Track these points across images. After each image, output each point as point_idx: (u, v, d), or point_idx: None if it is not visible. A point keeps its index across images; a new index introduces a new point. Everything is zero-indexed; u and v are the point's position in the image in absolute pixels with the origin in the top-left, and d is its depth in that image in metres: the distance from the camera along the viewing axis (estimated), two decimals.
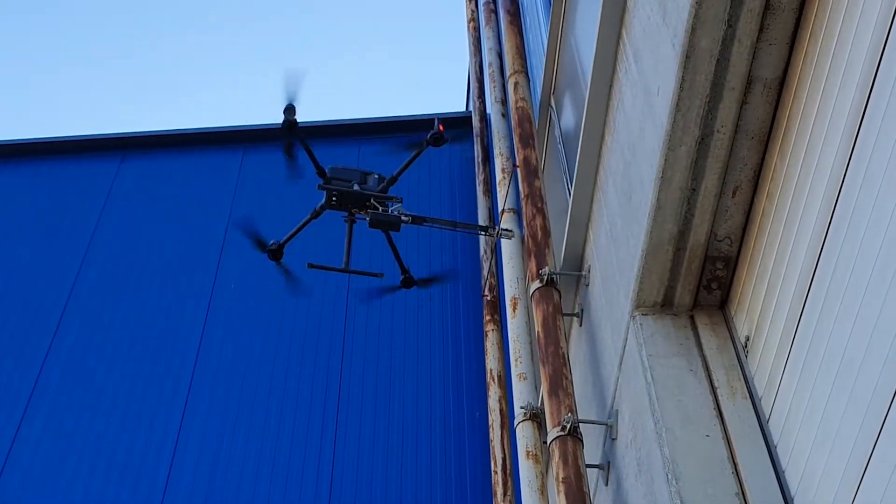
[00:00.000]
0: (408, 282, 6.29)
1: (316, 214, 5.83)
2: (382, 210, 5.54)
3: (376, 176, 5.73)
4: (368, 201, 5.60)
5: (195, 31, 26.72)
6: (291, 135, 5.65)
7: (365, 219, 5.61)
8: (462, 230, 6.68)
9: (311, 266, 6.00)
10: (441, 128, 5.83)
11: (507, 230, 5.72)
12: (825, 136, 3.01)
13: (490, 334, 6.68)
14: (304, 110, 5.92)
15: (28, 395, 8.14)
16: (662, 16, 3.51)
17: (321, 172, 5.73)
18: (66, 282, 9.07)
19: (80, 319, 8.75)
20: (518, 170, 5.57)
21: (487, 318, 6.84)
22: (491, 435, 6.10)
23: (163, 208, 9.79)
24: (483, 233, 6.63)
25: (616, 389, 4.14)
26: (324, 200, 5.72)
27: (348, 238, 5.84)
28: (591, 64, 4.47)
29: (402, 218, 5.47)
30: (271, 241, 6.03)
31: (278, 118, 5.77)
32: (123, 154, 10.44)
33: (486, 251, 7.46)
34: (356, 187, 5.64)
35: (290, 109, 5.61)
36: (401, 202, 5.57)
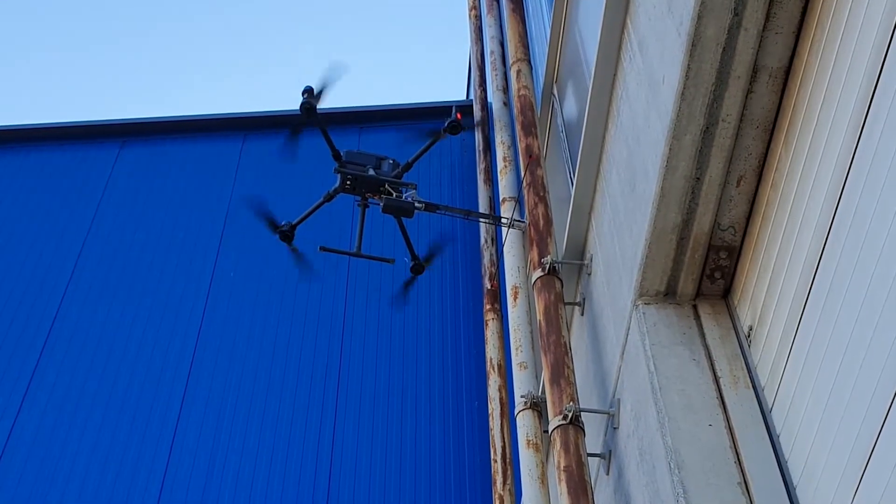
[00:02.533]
0: (418, 268, 6.27)
1: (329, 197, 5.82)
2: (396, 196, 5.51)
3: (391, 161, 5.71)
4: (383, 186, 5.58)
5: (196, 18, 26.67)
6: (310, 118, 5.63)
7: (378, 204, 5.58)
8: (475, 219, 6.65)
9: (322, 249, 5.99)
10: (459, 116, 5.81)
11: (520, 220, 5.70)
12: (831, 125, 3.00)
13: (490, 323, 6.67)
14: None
15: (27, 380, 8.14)
16: (668, 4, 3.50)
17: (336, 156, 5.71)
18: (65, 268, 9.06)
19: (80, 306, 8.74)
20: (520, 158, 5.55)
21: (488, 307, 6.82)
22: (491, 424, 6.10)
23: (163, 195, 9.78)
24: (495, 222, 6.59)
25: (618, 378, 4.14)
26: (338, 184, 5.70)
27: (361, 223, 5.82)
28: (595, 52, 4.45)
29: (416, 205, 5.44)
30: (283, 223, 6.01)
31: (278, 104, 5.77)
32: (123, 140, 10.43)
33: (486, 240, 7.44)
34: (371, 172, 5.62)
35: (309, 92, 5.58)
36: (415, 188, 5.53)
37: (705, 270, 3.74)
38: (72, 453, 7.65)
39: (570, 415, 3.94)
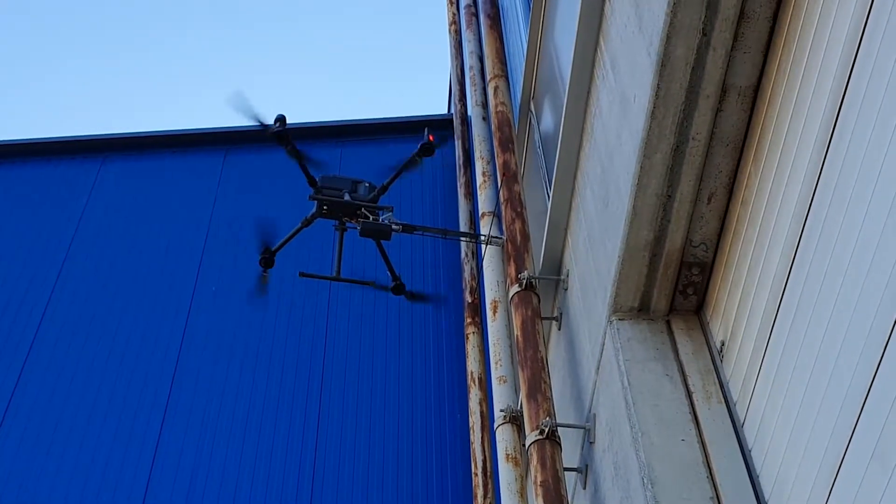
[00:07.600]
0: (398, 289, 6.27)
1: (307, 223, 5.82)
2: (373, 219, 5.52)
3: (367, 184, 5.71)
4: (359, 210, 5.58)
5: (177, 33, 26.65)
6: (282, 144, 5.63)
7: (356, 227, 5.58)
8: (452, 238, 6.66)
9: (302, 275, 6.01)
10: (431, 138, 5.82)
11: (497, 237, 5.73)
12: (798, 143, 3.05)
13: (471, 337, 6.69)
14: (287, 113, 5.91)
15: (9, 395, 8.12)
16: (638, 24, 3.55)
17: (312, 181, 5.71)
18: (46, 284, 9.04)
19: (62, 321, 8.72)
20: (498, 174, 5.58)
21: (468, 320, 6.84)
22: (471, 437, 6.12)
23: (144, 210, 9.77)
24: (473, 240, 6.61)
25: (594, 393, 4.17)
26: (315, 209, 5.71)
27: (339, 247, 5.83)
28: (570, 70, 4.50)
29: (393, 227, 5.45)
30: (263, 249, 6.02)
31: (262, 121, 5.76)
32: (105, 155, 10.42)
33: (466, 254, 7.48)
34: (347, 196, 5.62)
35: (281, 121, 5.59)
36: (391, 211, 5.54)
37: (678, 286, 3.78)
38: (54, 464, 7.64)
39: (546, 430, 3.97)
